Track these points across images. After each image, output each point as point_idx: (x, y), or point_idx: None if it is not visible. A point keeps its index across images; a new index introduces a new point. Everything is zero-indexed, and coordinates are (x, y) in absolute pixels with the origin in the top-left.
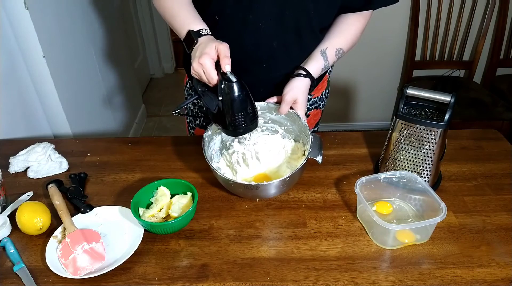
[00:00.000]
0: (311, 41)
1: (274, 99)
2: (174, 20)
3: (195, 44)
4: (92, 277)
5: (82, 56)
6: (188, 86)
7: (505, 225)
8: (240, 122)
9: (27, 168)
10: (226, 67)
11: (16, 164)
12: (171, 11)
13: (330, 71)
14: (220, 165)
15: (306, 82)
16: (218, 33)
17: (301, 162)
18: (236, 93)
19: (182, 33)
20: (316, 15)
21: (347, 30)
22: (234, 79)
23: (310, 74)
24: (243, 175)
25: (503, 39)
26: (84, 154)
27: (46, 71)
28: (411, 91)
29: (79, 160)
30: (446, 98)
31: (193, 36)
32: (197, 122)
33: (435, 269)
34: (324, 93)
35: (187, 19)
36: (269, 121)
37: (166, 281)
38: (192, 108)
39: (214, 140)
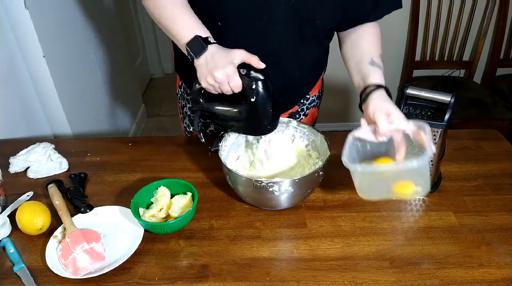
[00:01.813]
0: (316, 48)
1: (364, 125)
2: (175, 24)
3: (205, 51)
4: (92, 277)
5: (82, 56)
6: (182, 90)
7: (505, 225)
8: (272, 117)
9: (27, 168)
10: (261, 63)
11: (16, 164)
12: (173, 15)
13: (325, 70)
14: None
15: (382, 92)
16: (221, 39)
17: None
18: (270, 88)
19: (186, 37)
20: (320, 24)
21: (372, 36)
22: (262, 77)
23: (380, 84)
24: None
25: (503, 39)
26: (84, 154)
27: (46, 71)
28: (411, 91)
29: (79, 160)
30: (446, 98)
31: (202, 42)
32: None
33: (435, 269)
34: (320, 91)
35: (192, 25)
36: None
37: (166, 281)
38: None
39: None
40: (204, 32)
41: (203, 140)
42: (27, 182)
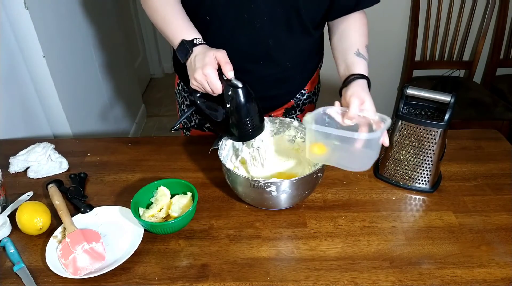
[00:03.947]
0: (304, 38)
1: (337, 105)
2: (166, 28)
3: (190, 54)
4: (92, 277)
5: (82, 56)
6: (180, 88)
7: (505, 225)
8: (251, 125)
9: (27, 168)
10: (229, 73)
11: (16, 164)
12: (164, 19)
13: (321, 65)
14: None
15: (364, 82)
16: (212, 34)
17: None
18: (246, 98)
19: (175, 42)
20: (306, 12)
21: (359, 27)
22: (240, 85)
23: (364, 75)
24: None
25: (503, 39)
26: (84, 154)
27: (46, 71)
28: (411, 91)
29: (79, 160)
30: (446, 98)
31: (187, 46)
32: (192, 123)
33: (435, 269)
34: (316, 87)
35: (180, 28)
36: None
37: (166, 281)
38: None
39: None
40: (192, 34)
41: (174, 129)
42: (27, 182)
